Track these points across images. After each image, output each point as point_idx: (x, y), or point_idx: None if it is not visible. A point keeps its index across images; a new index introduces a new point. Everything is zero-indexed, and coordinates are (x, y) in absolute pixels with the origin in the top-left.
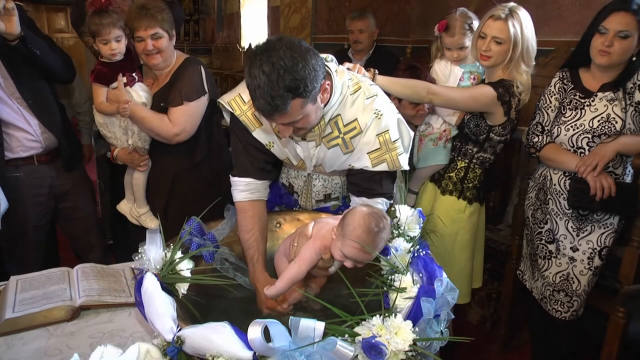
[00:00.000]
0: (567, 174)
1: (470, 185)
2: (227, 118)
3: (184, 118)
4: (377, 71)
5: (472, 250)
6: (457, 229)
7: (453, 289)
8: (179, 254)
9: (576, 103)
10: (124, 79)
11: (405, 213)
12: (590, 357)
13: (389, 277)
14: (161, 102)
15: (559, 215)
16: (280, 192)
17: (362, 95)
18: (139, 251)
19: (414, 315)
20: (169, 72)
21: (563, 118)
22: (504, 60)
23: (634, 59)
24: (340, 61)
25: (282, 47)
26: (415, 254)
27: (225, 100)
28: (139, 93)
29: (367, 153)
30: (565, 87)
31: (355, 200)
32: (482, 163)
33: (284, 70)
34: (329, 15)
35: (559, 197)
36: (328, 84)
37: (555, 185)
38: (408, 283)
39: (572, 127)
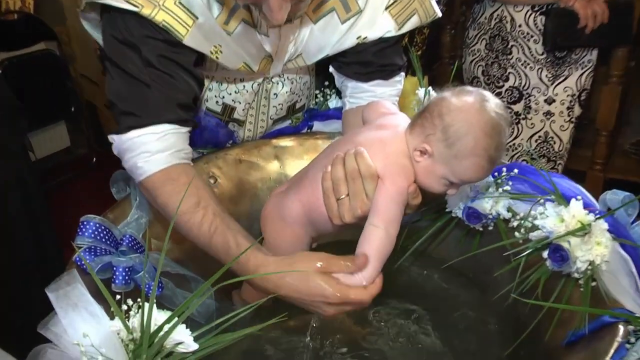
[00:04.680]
0: (536, 9)
1: None
2: (99, 37)
3: None
4: None
5: None
6: None
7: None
8: (156, 314)
9: None
10: None
11: None
12: None
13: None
14: None
15: (528, 64)
16: (203, 124)
17: None
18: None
19: None
20: None
21: None
22: None
23: None
24: None
25: None
26: None
27: None
28: None
29: (387, 8)
30: None
31: (356, 93)
32: None
33: None
34: None
35: (528, 40)
36: None
37: (520, 26)
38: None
39: None
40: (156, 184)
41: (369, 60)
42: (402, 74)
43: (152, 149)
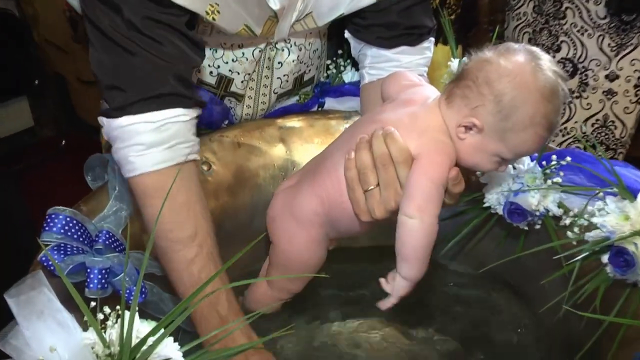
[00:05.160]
0: None
1: None
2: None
3: None
4: None
5: None
6: None
7: None
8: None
9: None
10: None
11: None
12: None
13: None
14: None
15: (585, 31)
16: None
17: None
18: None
19: None
20: None
21: None
22: None
23: None
24: None
25: None
26: None
27: None
28: None
29: None
30: None
31: (377, 63)
32: None
33: None
34: None
35: (586, 1)
36: None
37: None
38: None
39: None
40: (147, 190)
41: (393, 22)
42: (432, 39)
43: (146, 141)
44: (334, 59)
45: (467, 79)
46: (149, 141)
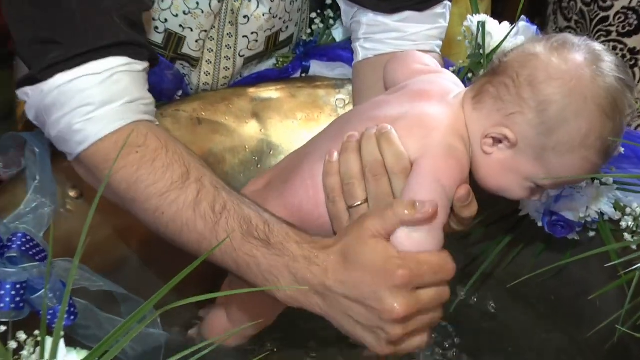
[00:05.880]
0: None
1: None
2: None
3: None
4: None
5: None
6: None
7: None
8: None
9: None
10: None
11: None
12: None
13: None
14: None
15: None
16: None
17: None
18: None
19: None
20: None
21: None
22: None
23: None
24: None
25: None
26: None
27: None
28: None
29: None
30: None
31: (374, 34)
32: None
33: None
34: None
35: None
36: None
37: None
38: None
39: None
40: (111, 154)
41: None
42: (447, 2)
43: (95, 100)
44: (319, 11)
45: (504, 75)
46: (98, 99)
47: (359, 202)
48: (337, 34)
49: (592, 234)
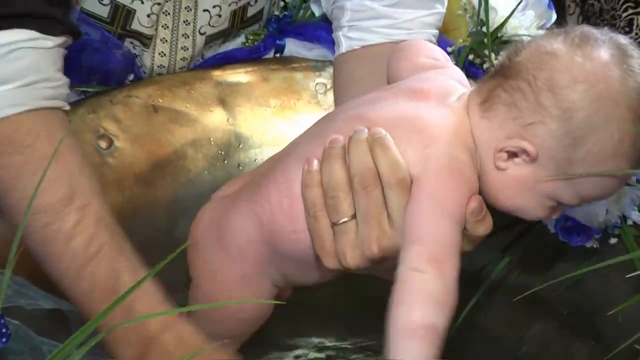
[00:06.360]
0: None
1: None
2: None
3: None
4: None
5: None
6: None
7: None
8: None
9: None
10: None
11: None
12: None
13: None
14: None
15: None
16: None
17: None
18: None
19: None
20: None
21: None
22: None
23: None
24: None
25: None
26: None
27: None
28: None
29: None
30: None
31: (360, 21)
32: None
33: None
34: None
35: None
36: None
37: None
38: None
39: None
40: None
41: None
42: None
43: None
44: None
45: (518, 78)
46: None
47: (346, 219)
48: (316, 8)
49: (613, 240)
